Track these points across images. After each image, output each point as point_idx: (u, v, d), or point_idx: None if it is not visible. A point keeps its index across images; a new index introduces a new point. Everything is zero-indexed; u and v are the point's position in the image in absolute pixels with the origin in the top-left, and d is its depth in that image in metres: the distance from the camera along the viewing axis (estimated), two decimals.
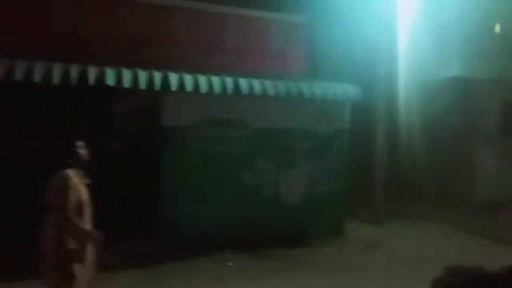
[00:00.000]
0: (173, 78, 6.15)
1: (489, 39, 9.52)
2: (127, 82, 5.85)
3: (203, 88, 6.27)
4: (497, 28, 9.66)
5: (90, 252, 3.27)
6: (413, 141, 9.78)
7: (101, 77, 5.71)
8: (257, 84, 6.65)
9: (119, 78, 5.81)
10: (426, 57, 9.40)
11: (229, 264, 5.82)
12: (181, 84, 6.15)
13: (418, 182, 9.69)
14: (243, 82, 6.58)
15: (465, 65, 9.47)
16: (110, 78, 5.74)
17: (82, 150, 3.34)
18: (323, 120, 7.27)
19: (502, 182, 9.60)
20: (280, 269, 5.76)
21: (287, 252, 6.36)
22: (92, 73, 5.71)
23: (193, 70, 6.47)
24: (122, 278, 5.12)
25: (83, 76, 5.64)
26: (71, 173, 3.21)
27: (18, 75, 5.35)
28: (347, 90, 7.29)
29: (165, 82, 6.07)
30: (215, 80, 6.44)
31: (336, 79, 7.62)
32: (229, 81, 6.51)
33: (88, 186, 3.37)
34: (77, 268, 3.15)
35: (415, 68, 9.42)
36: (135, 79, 5.92)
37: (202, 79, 6.34)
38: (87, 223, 3.27)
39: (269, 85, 6.71)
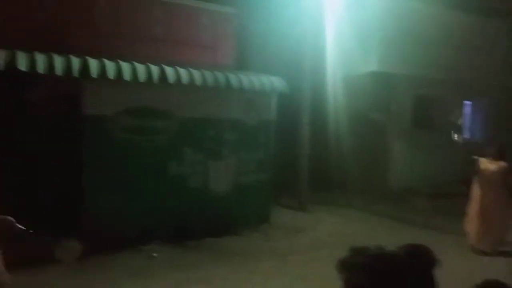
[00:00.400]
0: (93, 64, 5.87)
1: (405, 38, 10.24)
2: (41, 67, 5.48)
3: (127, 75, 6.05)
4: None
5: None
6: (336, 132, 10.29)
7: (11, 61, 5.29)
8: (184, 73, 6.57)
9: (32, 63, 5.43)
10: (350, 53, 9.89)
11: (155, 255, 5.72)
12: (103, 71, 5.89)
13: (341, 172, 10.22)
14: (169, 71, 6.46)
15: (383, 61, 10.11)
16: (22, 63, 5.34)
17: None
18: (251, 111, 7.37)
19: (415, 171, 10.45)
20: (207, 258, 5.79)
21: (214, 242, 6.41)
22: (1, 56, 5.27)
23: (117, 58, 6.22)
24: (39, 274, 4.82)
25: None
26: None
27: None
28: (274, 82, 7.46)
29: (85, 68, 5.77)
30: (140, 68, 6.26)
31: (264, 71, 7.76)
32: (154, 69, 6.36)
33: None
34: None
35: (339, 63, 9.88)
36: (50, 64, 5.56)
37: (126, 66, 6.12)
38: None
39: (196, 74, 6.66)
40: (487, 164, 6.21)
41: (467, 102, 12.69)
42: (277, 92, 7.59)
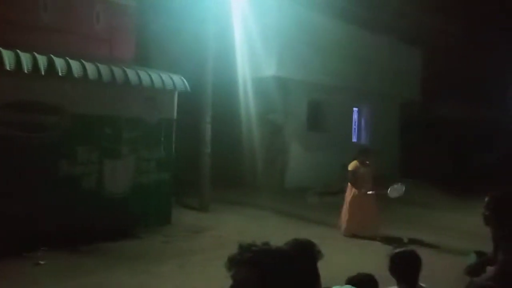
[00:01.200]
0: None
1: (301, 46, 10.84)
2: None
3: (7, 64, 5.41)
4: None
5: None
6: (238, 132, 10.48)
7: None
8: (76, 66, 6.09)
9: None
10: (253, 56, 10.16)
11: (42, 262, 5.18)
12: None
13: (241, 170, 10.43)
14: (59, 62, 5.94)
15: (281, 66, 10.57)
16: None
17: None
18: (151, 108, 7.12)
19: (309, 170, 11.12)
20: (103, 263, 5.42)
21: (110, 245, 6.04)
22: None
23: None
24: None
25: None
26: None
27: None
28: (175, 80, 7.31)
29: None
30: (24, 56, 5.64)
31: (166, 69, 7.56)
32: (41, 59, 5.79)
33: None
34: None
35: (244, 65, 10.09)
36: None
37: (6, 54, 5.47)
38: None
39: (90, 67, 6.22)
40: (357, 167, 7.27)
41: (355, 108, 13.91)
42: (178, 90, 7.45)
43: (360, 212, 7.06)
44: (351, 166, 7.34)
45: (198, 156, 8.50)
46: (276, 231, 7.19)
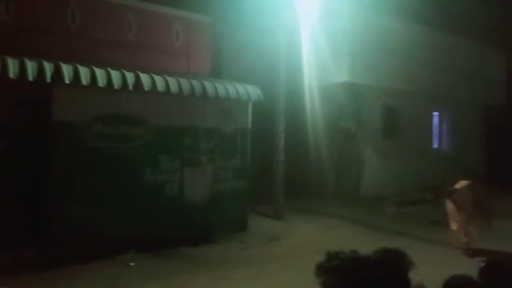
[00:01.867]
0: (66, 69, 5.72)
1: (373, 50, 10.58)
2: (12, 72, 5.28)
3: (101, 81, 5.94)
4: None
5: None
6: (310, 140, 10.44)
7: None
8: (159, 81, 6.51)
9: (3, 67, 5.23)
10: (323, 63, 10.11)
11: (131, 264, 5.57)
12: (76, 76, 5.75)
13: (315, 179, 10.35)
14: (144, 78, 6.39)
15: (353, 72, 10.38)
16: None
17: None
18: (227, 119, 7.38)
19: (386, 179, 10.74)
20: (184, 267, 5.69)
21: (191, 250, 6.32)
22: None
23: (89, 63, 6.09)
24: (7, 285, 4.59)
25: None
26: None
27: None
28: (249, 91, 7.51)
29: (57, 73, 5.62)
30: (114, 74, 6.15)
31: (240, 80, 7.80)
32: (129, 76, 6.27)
33: None
34: None
35: (313, 73, 10.08)
36: (21, 69, 5.38)
37: (100, 72, 6.01)
38: None
39: (171, 82, 6.61)
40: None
41: (435, 113, 13.21)
42: (252, 101, 7.64)
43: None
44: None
45: (272, 165, 8.59)
46: (351, 241, 7.00)
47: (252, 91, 7.55)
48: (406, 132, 11.87)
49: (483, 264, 2.38)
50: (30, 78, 5.38)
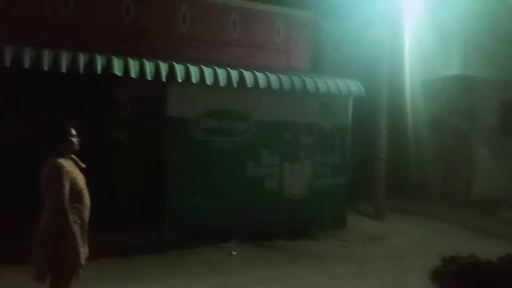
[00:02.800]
0: (179, 69, 6.19)
1: (489, 40, 9.59)
2: (133, 72, 5.88)
3: (209, 79, 6.30)
4: None
5: (84, 243, 3.14)
6: (415, 137, 9.86)
7: (108, 66, 5.74)
8: (261, 78, 6.69)
9: (126, 68, 5.84)
10: (429, 55, 9.46)
11: (234, 253, 5.87)
12: (187, 75, 6.19)
13: (419, 179, 9.77)
14: (248, 75, 6.62)
15: (466, 64, 9.54)
16: (117, 68, 5.77)
17: (74, 138, 3.17)
18: (327, 114, 7.32)
19: (501, 180, 9.70)
20: (281, 259, 5.82)
21: (290, 244, 6.43)
22: (99, 62, 5.73)
23: (197, 62, 6.51)
24: (128, 264, 5.17)
25: (90, 64, 5.67)
26: (62, 160, 3.06)
27: (26, 62, 5.36)
28: (350, 86, 7.35)
29: (171, 72, 6.10)
30: (220, 72, 6.48)
31: (339, 74, 7.67)
32: (234, 73, 6.55)
33: (84, 171, 3.24)
34: (74, 259, 3.02)
35: (418, 66, 9.48)
36: (141, 69, 5.95)
37: (208, 71, 6.38)
38: (86, 209, 3.17)
39: (273, 78, 6.76)
40: None
41: None
42: (353, 96, 7.46)
43: None
44: None
45: (373, 162, 8.32)
46: (461, 247, 6.47)
47: (352, 86, 7.38)
48: None
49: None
50: (148, 77, 5.92)
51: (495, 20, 9.51)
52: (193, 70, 6.26)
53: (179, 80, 6.11)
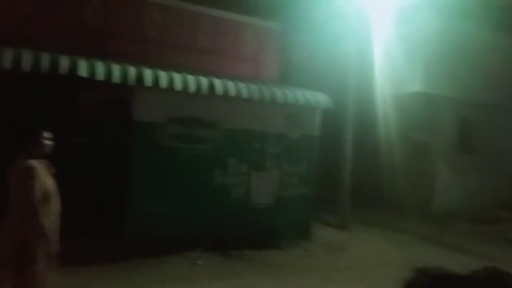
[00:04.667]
0: (148, 73, 6.06)
1: (451, 60, 10.05)
2: (99, 74, 5.70)
3: (178, 86, 6.21)
4: None
5: (50, 247, 3.04)
6: (379, 150, 10.12)
7: (73, 67, 5.54)
8: (231, 86, 6.67)
9: (92, 70, 5.66)
10: (395, 71, 9.81)
11: (199, 262, 5.74)
12: (156, 80, 6.07)
13: (382, 190, 10.01)
14: (217, 83, 6.59)
15: (429, 82, 9.94)
16: (83, 69, 5.58)
17: (48, 141, 3.12)
18: (295, 125, 7.37)
19: (457, 194, 10.10)
20: (248, 269, 5.77)
21: (256, 253, 6.37)
22: (64, 62, 5.52)
23: (166, 67, 6.41)
24: (86, 273, 4.93)
25: (54, 64, 5.45)
26: (34, 162, 3.00)
27: None
28: (318, 98, 7.46)
29: (139, 77, 5.96)
30: (190, 78, 6.41)
31: (308, 86, 7.78)
32: (203, 80, 6.50)
33: (55, 176, 3.17)
34: (39, 266, 2.94)
35: (384, 81, 9.80)
36: (108, 72, 5.79)
37: (177, 77, 6.29)
38: (53, 214, 3.08)
39: (243, 87, 6.75)
40: None
41: None
42: (321, 107, 7.57)
43: None
44: None
45: (338, 173, 8.45)
46: (421, 258, 6.69)
47: (321, 98, 7.49)
48: (484, 147, 11.10)
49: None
50: (115, 81, 5.76)
51: (457, 41, 10.00)
52: (162, 75, 6.16)
53: (147, 84, 5.98)
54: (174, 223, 6.16)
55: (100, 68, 5.73)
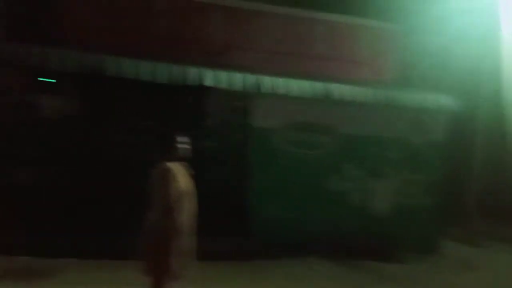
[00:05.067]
0: (266, 81, 6.21)
1: None
2: (223, 83, 6.01)
3: (294, 92, 6.26)
4: None
5: (186, 244, 3.24)
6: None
7: (200, 78, 5.93)
8: (347, 91, 6.51)
9: (216, 79, 6.00)
10: None
11: (317, 269, 5.67)
12: (273, 88, 6.19)
13: None
14: (333, 88, 6.48)
15: None
16: (208, 79, 5.94)
17: (185, 145, 3.38)
18: (416, 130, 6.92)
19: None
20: (370, 281, 5.50)
21: (373, 264, 6.08)
22: (192, 73, 5.94)
23: (282, 75, 6.49)
24: (215, 270, 5.16)
25: (183, 76, 5.89)
26: (171, 165, 3.24)
27: (126, 73, 5.71)
28: (443, 101, 6.90)
29: (258, 84, 6.14)
30: (306, 84, 6.41)
31: (431, 88, 7.23)
32: (319, 86, 6.44)
33: (193, 177, 3.38)
34: (174, 259, 3.14)
35: None
36: (230, 80, 6.07)
37: (294, 83, 6.34)
38: (188, 212, 3.26)
39: (359, 92, 6.54)
40: None
41: None
42: (445, 111, 6.98)
43: None
44: None
45: (467, 182, 7.67)
46: None
47: (445, 101, 6.91)
48: None
49: None
50: (238, 89, 6.02)
51: None
52: (280, 82, 6.26)
53: (266, 92, 6.12)
54: (292, 227, 6.20)
55: (222, 78, 6.04)
